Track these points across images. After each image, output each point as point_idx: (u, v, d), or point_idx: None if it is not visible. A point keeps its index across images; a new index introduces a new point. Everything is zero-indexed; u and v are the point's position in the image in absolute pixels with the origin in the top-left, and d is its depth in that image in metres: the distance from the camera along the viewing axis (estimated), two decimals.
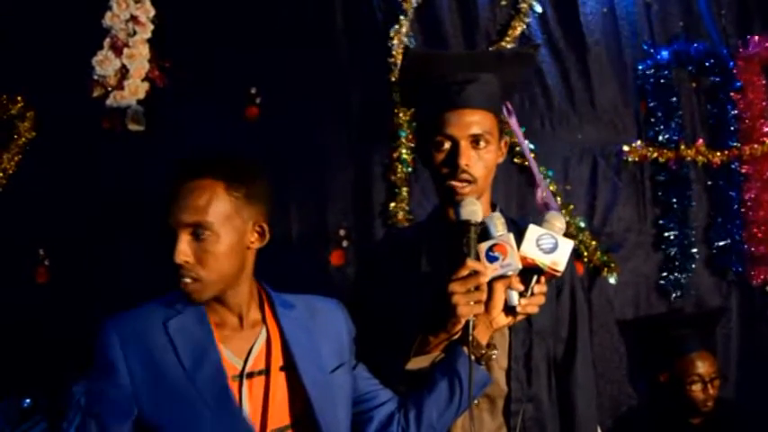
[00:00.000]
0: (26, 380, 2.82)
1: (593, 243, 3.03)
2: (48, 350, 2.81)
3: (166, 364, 1.44)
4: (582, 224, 3.03)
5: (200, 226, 1.43)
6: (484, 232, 1.60)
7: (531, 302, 1.60)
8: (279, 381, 1.53)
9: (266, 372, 1.52)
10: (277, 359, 1.54)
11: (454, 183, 1.73)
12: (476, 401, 1.76)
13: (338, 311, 1.71)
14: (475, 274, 1.53)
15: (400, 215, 2.92)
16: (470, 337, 1.54)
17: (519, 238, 1.59)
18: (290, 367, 1.53)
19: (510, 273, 1.56)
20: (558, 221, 1.62)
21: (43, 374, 2.76)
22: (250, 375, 1.51)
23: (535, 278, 1.60)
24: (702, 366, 2.83)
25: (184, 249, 1.42)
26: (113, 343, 1.45)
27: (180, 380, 1.44)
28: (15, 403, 2.74)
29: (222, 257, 1.45)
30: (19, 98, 3.11)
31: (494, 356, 1.63)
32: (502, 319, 1.61)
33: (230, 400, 1.45)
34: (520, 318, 1.63)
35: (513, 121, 2.02)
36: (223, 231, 1.45)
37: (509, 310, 1.60)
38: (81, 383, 2.72)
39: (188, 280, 1.44)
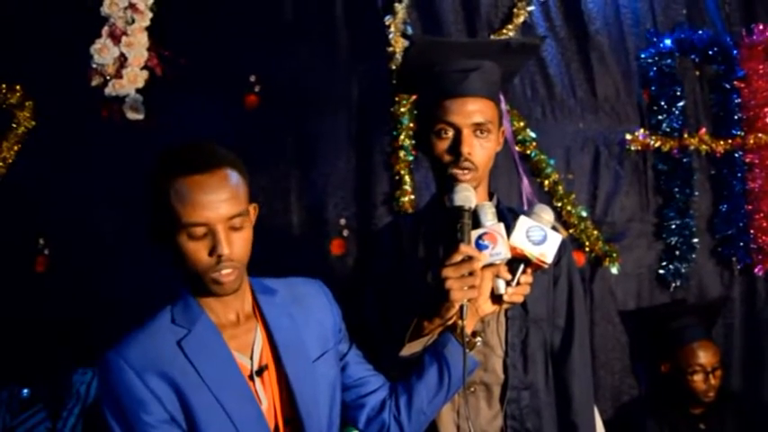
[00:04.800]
0: (26, 369, 2.82)
1: (595, 233, 3.02)
2: (47, 340, 2.81)
3: (190, 386, 1.38)
4: (584, 213, 3.01)
5: (240, 215, 1.38)
6: (474, 220, 1.61)
7: (517, 292, 1.61)
8: (276, 373, 1.50)
9: (267, 367, 1.49)
10: (268, 351, 1.51)
11: (456, 170, 1.72)
12: (472, 389, 1.76)
13: (321, 294, 1.66)
14: (469, 259, 1.53)
15: (404, 203, 2.90)
16: (462, 323, 1.54)
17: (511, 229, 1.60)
18: (276, 359, 1.50)
19: (498, 261, 1.58)
20: (546, 214, 1.64)
21: (42, 364, 2.77)
22: (260, 372, 1.48)
23: (521, 268, 1.61)
24: (704, 356, 2.81)
25: (230, 239, 1.37)
26: (130, 377, 1.35)
27: (207, 400, 1.38)
28: (15, 393, 2.75)
29: (250, 243, 1.43)
30: (18, 87, 3.09)
31: (478, 344, 1.63)
32: (488, 307, 1.61)
33: (259, 415, 1.42)
34: (505, 306, 1.64)
35: (504, 110, 2.00)
36: (250, 217, 1.44)
37: (495, 298, 1.61)
38: (80, 372, 2.73)
39: (231, 270, 1.38)
